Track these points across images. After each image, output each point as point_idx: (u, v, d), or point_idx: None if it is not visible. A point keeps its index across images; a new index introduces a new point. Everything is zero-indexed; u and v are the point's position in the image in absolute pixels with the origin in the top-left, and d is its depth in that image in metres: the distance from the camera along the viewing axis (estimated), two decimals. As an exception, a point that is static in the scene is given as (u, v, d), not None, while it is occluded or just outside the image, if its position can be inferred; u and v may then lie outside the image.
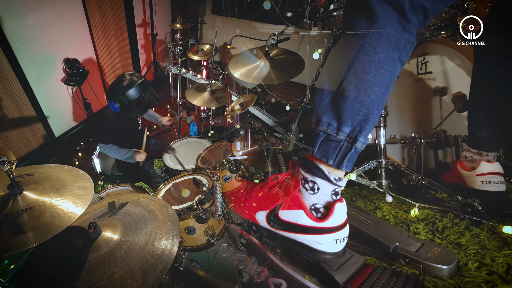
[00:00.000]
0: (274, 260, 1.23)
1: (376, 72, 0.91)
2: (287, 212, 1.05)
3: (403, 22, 0.89)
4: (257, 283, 1.15)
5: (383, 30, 0.89)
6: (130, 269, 0.91)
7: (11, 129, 2.60)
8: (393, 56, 0.92)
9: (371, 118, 0.94)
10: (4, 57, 2.40)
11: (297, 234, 1.04)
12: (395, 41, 0.90)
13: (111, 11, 3.36)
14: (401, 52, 0.93)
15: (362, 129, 0.94)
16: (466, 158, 1.65)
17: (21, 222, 0.86)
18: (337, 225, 0.99)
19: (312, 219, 1.00)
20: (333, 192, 1.01)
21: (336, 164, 0.97)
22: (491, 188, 1.52)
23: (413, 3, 0.86)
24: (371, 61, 0.91)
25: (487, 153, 1.57)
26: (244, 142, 1.99)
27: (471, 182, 1.60)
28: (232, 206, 1.35)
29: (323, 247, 1.01)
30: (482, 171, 1.55)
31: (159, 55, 4.37)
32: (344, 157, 0.96)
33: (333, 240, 1.00)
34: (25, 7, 2.46)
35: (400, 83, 2.24)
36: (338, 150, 0.97)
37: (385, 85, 0.94)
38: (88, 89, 3.03)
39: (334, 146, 0.97)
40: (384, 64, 0.91)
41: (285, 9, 3.07)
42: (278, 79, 1.80)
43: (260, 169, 1.86)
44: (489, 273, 1.13)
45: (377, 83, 0.92)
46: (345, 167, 0.98)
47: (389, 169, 1.79)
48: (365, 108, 0.93)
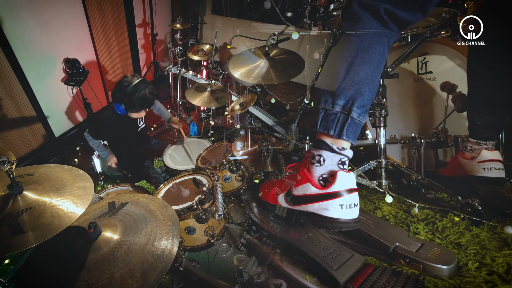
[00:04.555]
0: (274, 260, 1.23)
1: (362, 54, 1.07)
2: (298, 188, 1.16)
3: (383, 23, 1.07)
4: (257, 283, 1.15)
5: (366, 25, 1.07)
6: (130, 269, 0.91)
7: (11, 129, 2.59)
8: (380, 40, 1.07)
9: (362, 92, 1.07)
10: (4, 57, 2.39)
11: (308, 204, 1.11)
12: (379, 32, 1.07)
13: (111, 11, 3.36)
14: (389, 37, 1.09)
15: (354, 101, 1.07)
16: (466, 149, 1.71)
17: (21, 222, 0.86)
18: (341, 190, 1.03)
19: (318, 188, 1.08)
20: (339, 161, 1.09)
21: (336, 134, 1.09)
22: (492, 174, 1.58)
23: (388, 11, 1.03)
24: (357, 48, 1.08)
25: (486, 142, 1.63)
26: (244, 142, 1.99)
27: (472, 170, 1.64)
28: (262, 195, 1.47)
29: (330, 213, 1.05)
30: (483, 158, 1.60)
31: (159, 55, 4.36)
32: (343, 127, 1.08)
33: (338, 205, 1.04)
34: (25, 7, 2.46)
35: (400, 83, 2.23)
36: (337, 121, 1.09)
37: (374, 65, 1.07)
38: (88, 89, 3.03)
39: (332, 118, 1.10)
40: (369, 48, 1.07)
41: (285, 9, 3.07)
42: (278, 79, 1.80)
43: (260, 169, 1.86)
44: (489, 273, 1.13)
45: (364, 63, 1.07)
46: (345, 136, 1.08)
47: (389, 169, 1.79)
48: (355, 83, 1.07)
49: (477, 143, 1.66)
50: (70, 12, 2.89)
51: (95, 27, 3.20)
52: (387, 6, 1.02)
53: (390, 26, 1.06)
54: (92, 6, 3.08)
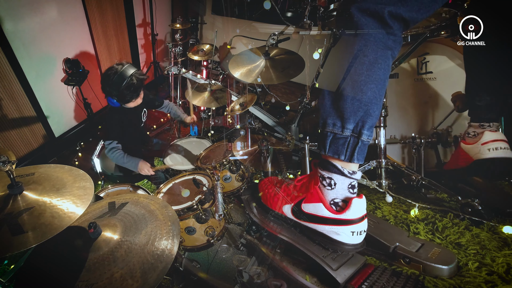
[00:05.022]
0: (274, 260, 1.23)
1: (368, 72, 1.02)
2: (308, 205, 1.14)
3: (385, 28, 1.00)
4: (257, 284, 1.15)
5: (369, 35, 1.01)
6: (130, 269, 0.91)
7: (11, 129, 2.60)
8: (385, 54, 1.02)
9: (371, 113, 1.04)
10: (4, 57, 2.40)
11: (317, 224, 1.12)
12: (383, 41, 1.01)
13: (111, 11, 3.36)
14: (393, 49, 1.04)
15: (364, 123, 1.04)
16: (469, 135, 1.67)
17: (21, 222, 0.86)
18: (354, 218, 1.04)
19: (331, 211, 1.07)
20: (349, 185, 1.08)
21: (347, 159, 1.06)
22: (499, 154, 1.51)
23: (392, 13, 0.97)
24: (361, 63, 1.02)
25: (489, 124, 1.59)
26: (244, 142, 1.99)
27: (477, 153, 1.59)
28: (262, 195, 1.45)
29: (340, 238, 1.07)
30: (487, 139, 1.56)
31: (159, 55, 4.36)
32: (354, 151, 1.06)
33: (349, 232, 1.05)
34: (25, 7, 2.46)
35: (400, 83, 2.23)
36: (347, 146, 1.06)
37: (380, 82, 1.03)
38: (88, 89, 3.03)
39: (342, 142, 1.07)
40: (374, 63, 1.01)
41: (285, 9, 3.07)
42: (278, 79, 1.80)
43: (260, 169, 1.86)
44: (489, 273, 1.13)
45: (371, 81, 1.02)
46: (356, 160, 1.06)
47: (389, 169, 1.79)
48: (363, 105, 1.03)
49: (480, 126, 1.62)
50: (70, 12, 2.89)
51: (95, 27, 3.20)
52: (391, 8, 0.97)
53: (391, 25, 1.01)
54: (92, 6, 3.08)
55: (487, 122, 1.60)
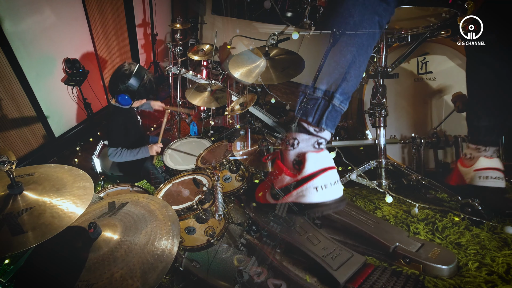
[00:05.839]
0: (274, 260, 1.23)
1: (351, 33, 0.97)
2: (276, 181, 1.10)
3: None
4: (257, 284, 1.15)
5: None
6: (130, 269, 0.91)
7: (11, 129, 2.59)
8: (371, 18, 0.96)
9: (347, 77, 0.97)
10: (4, 57, 2.39)
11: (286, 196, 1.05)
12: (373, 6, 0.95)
13: (111, 11, 3.36)
14: (381, 16, 0.97)
15: (338, 87, 0.98)
16: (466, 156, 1.65)
17: (21, 222, 0.86)
18: (312, 172, 0.97)
19: (291, 176, 1.01)
20: (315, 143, 1.01)
21: (315, 122, 1.00)
22: (489, 183, 1.49)
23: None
24: (346, 23, 0.96)
25: (486, 148, 1.56)
26: (244, 142, 1.99)
27: (469, 178, 1.58)
28: (262, 195, 1.40)
29: (308, 199, 0.99)
30: (480, 166, 1.53)
31: (159, 55, 4.36)
32: (323, 114, 1.00)
33: (313, 189, 0.97)
34: (25, 7, 2.46)
35: (400, 83, 2.23)
36: (316, 108, 1.01)
37: (362, 47, 0.97)
38: (88, 89, 3.03)
39: (312, 104, 1.02)
40: (359, 26, 0.96)
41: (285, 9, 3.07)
42: (278, 79, 1.80)
43: (260, 169, 1.86)
44: (489, 273, 1.13)
45: (352, 44, 0.97)
46: (324, 124, 1.00)
47: (389, 169, 1.79)
48: (340, 67, 0.97)
49: (476, 149, 1.58)
50: (70, 12, 2.89)
51: (95, 27, 3.20)
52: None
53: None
54: (92, 6, 3.08)
55: (484, 145, 1.56)
